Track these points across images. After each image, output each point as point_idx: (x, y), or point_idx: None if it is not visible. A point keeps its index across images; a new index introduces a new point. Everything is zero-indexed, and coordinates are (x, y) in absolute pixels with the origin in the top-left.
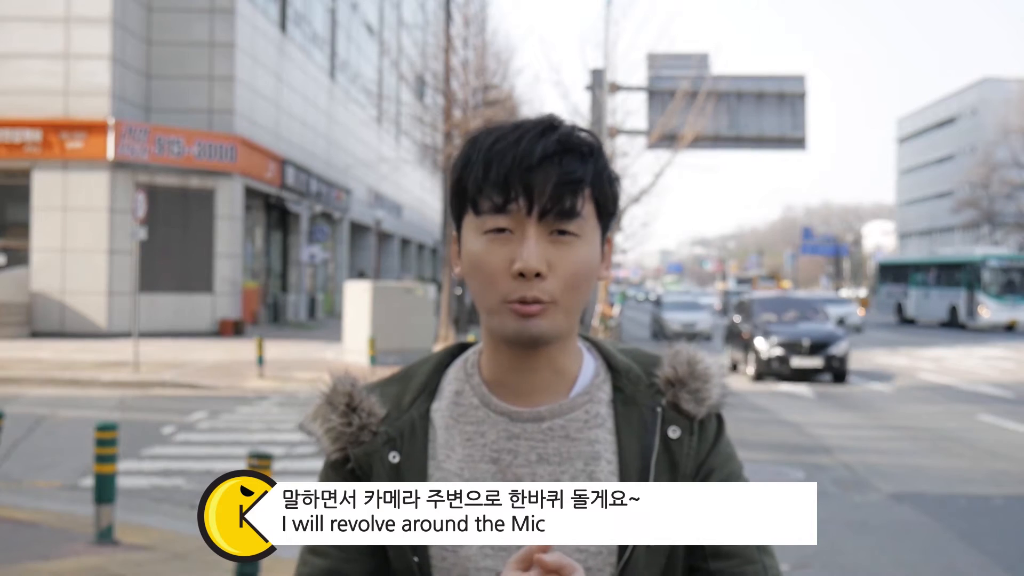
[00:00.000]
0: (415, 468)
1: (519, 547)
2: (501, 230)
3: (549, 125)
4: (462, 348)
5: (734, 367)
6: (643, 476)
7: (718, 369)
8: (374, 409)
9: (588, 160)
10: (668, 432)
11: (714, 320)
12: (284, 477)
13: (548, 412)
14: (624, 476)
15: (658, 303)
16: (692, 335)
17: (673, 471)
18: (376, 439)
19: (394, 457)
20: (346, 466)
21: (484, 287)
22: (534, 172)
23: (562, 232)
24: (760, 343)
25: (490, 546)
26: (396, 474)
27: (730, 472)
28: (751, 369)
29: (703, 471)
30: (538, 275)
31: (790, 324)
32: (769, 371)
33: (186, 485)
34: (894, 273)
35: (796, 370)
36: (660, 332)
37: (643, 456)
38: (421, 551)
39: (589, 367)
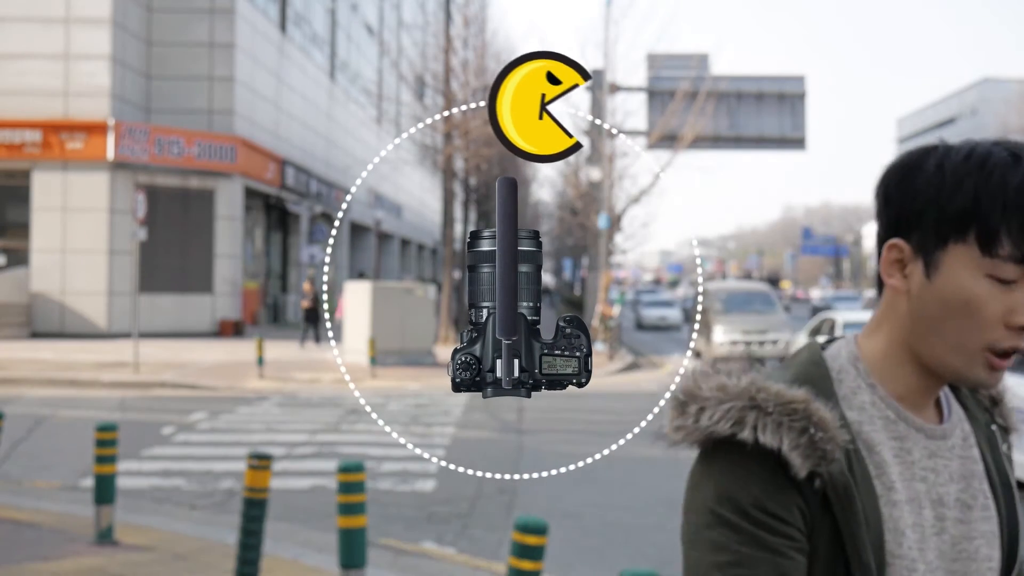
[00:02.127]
0: (863, 485)
1: (963, 568)
2: (1008, 280)
3: None
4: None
5: None
6: (1006, 492)
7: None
8: (829, 419)
9: None
10: (1003, 448)
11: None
12: (284, 477)
13: (950, 429)
14: (994, 493)
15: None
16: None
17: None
18: (840, 453)
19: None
20: (814, 485)
21: (970, 329)
22: None
23: None
24: None
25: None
26: (857, 491)
27: None
28: None
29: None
30: None
31: None
32: None
33: (186, 486)
34: None
35: None
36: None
37: (1000, 472)
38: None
39: None
